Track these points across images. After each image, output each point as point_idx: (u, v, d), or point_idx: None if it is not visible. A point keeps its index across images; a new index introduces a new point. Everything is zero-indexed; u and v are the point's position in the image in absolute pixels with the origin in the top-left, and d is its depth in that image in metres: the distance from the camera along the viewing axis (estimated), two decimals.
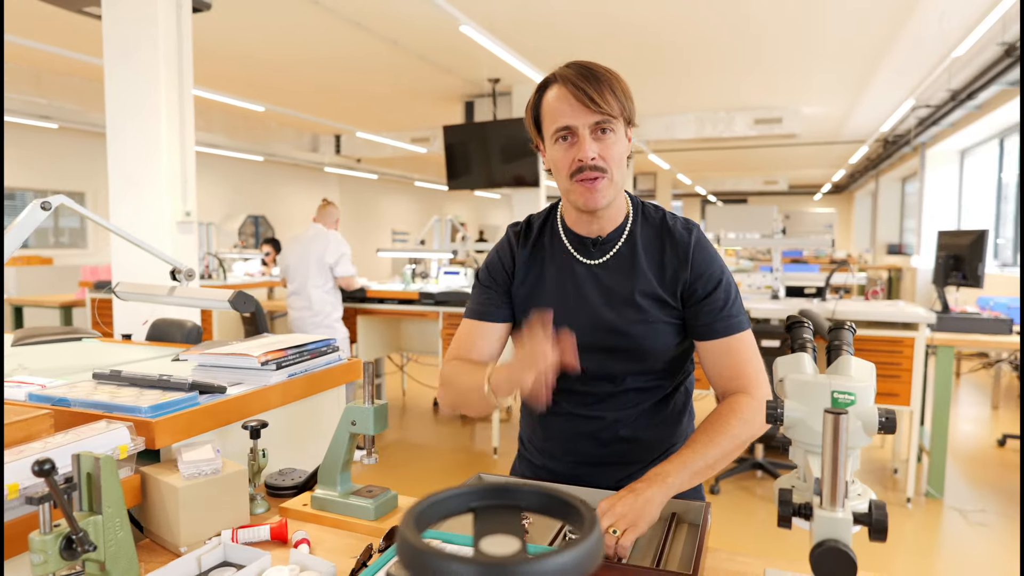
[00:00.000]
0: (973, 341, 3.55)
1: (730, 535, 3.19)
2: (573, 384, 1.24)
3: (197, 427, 1.23)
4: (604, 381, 1.24)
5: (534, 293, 1.27)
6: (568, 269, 1.25)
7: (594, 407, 1.26)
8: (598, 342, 1.21)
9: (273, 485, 1.32)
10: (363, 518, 1.17)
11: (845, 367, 0.91)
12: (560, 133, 1.14)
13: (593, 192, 1.15)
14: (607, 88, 1.12)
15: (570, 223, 1.27)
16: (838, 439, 0.73)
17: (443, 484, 2.22)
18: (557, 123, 1.14)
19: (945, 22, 5.51)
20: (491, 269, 1.32)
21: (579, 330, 1.18)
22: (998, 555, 3.03)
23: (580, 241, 1.26)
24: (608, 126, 1.13)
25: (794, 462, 0.90)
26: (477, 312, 1.31)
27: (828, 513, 0.74)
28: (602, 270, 1.24)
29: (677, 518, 1.17)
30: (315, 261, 4.32)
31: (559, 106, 1.14)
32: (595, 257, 1.24)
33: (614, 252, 1.24)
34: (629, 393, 1.25)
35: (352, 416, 1.18)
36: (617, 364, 1.23)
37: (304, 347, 1.54)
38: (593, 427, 1.27)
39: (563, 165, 1.16)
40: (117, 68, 3.40)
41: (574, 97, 1.11)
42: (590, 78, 1.11)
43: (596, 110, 1.10)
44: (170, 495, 1.07)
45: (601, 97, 1.10)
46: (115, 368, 1.35)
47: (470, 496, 0.55)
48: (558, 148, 1.16)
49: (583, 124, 1.12)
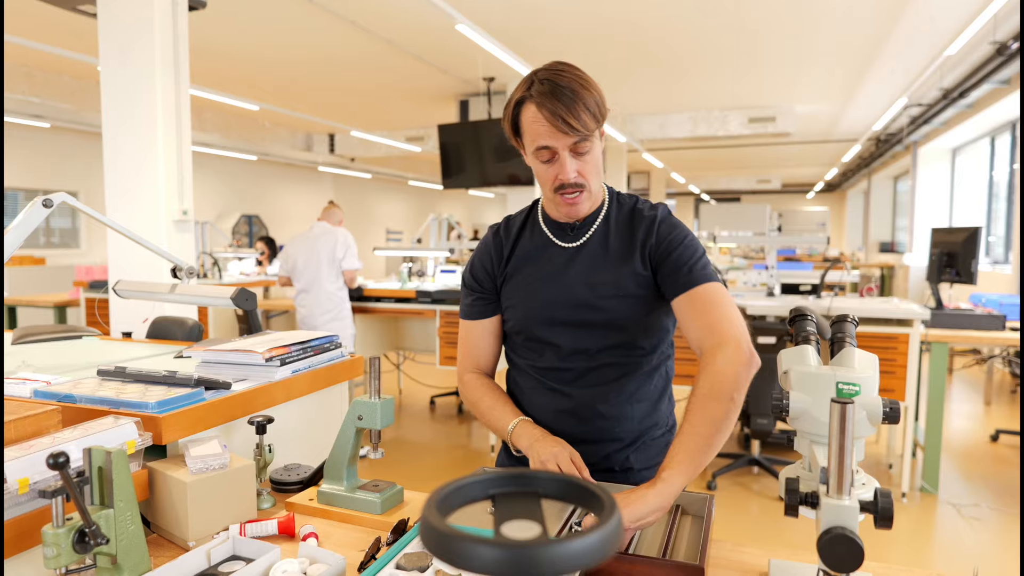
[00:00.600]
0: (967, 337, 3.58)
1: (727, 530, 3.20)
2: (552, 361, 1.32)
3: (203, 423, 1.24)
4: (581, 356, 1.30)
5: (517, 278, 1.35)
6: (547, 253, 1.34)
7: (573, 384, 1.31)
8: (575, 318, 1.28)
9: (279, 480, 1.32)
10: (370, 512, 1.17)
11: (849, 359, 0.92)
12: (542, 154, 1.20)
13: (575, 206, 1.25)
14: (580, 106, 1.14)
15: (551, 213, 1.35)
16: (845, 428, 0.75)
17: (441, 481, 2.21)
18: (536, 143, 1.19)
19: (937, 21, 5.55)
20: (474, 271, 1.41)
21: (558, 307, 1.29)
22: (992, 549, 3.06)
23: (559, 227, 1.34)
24: (584, 147, 1.19)
25: (799, 452, 0.92)
26: (469, 313, 1.41)
27: (835, 501, 0.76)
28: (579, 252, 1.31)
29: (681, 510, 1.18)
30: (326, 257, 4.39)
31: (537, 128, 1.18)
32: (573, 240, 1.32)
33: (590, 234, 1.31)
34: (605, 368, 1.30)
35: (359, 411, 1.18)
36: (594, 339, 1.29)
37: (308, 343, 1.55)
38: (571, 404, 1.31)
39: (546, 180, 1.24)
40: (113, 66, 3.39)
41: (549, 122, 1.15)
42: (562, 97, 1.14)
43: (572, 133, 1.15)
44: (178, 490, 1.08)
45: (576, 119, 1.14)
46: (120, 365, 1.36)
47: (490, 483, 0.56)
48: (539, 165, 1.23)
49: (562, 146, 1.18)
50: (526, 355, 1.36)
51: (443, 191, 12.91)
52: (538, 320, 1.31)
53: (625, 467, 1.34)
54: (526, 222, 1.40)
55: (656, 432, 1.36)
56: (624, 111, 9.48)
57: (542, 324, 1.31)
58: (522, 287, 1.34)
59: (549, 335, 1.31)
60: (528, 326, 1.33)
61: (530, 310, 1.32)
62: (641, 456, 1.34)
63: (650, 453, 1.35)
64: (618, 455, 1.33)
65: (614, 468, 1.33)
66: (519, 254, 1.36)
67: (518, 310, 1.34)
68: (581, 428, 1.31)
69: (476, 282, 1.39)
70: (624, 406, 1.31)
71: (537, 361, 1.34)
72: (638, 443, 1.34)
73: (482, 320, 1.39)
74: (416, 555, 0.96)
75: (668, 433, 1.39)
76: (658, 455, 1.35)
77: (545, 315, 1.30)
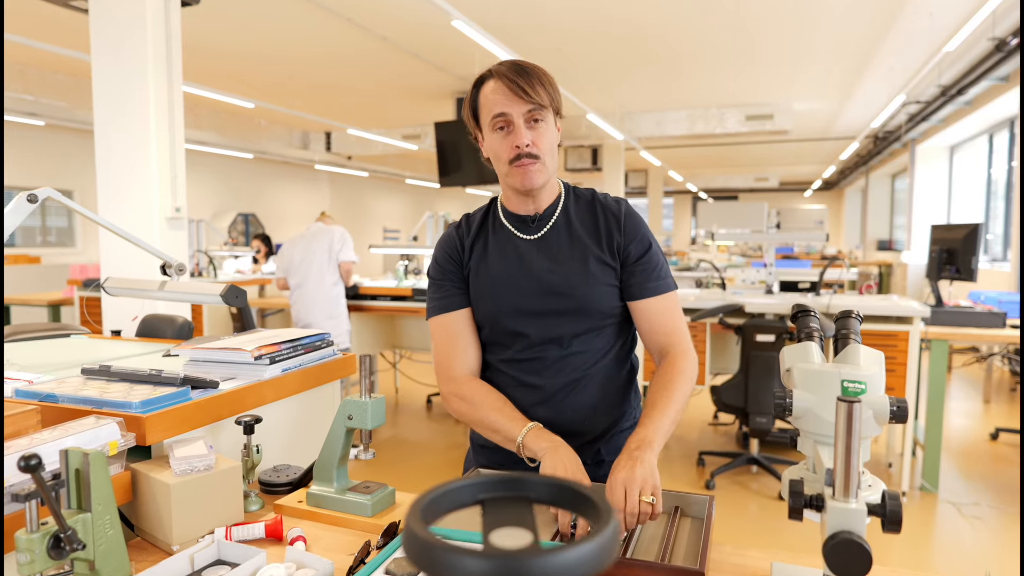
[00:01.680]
0: (967, 335, 3.56)
1: (726, 530, 3.18)
2: (522, 352, 1.32)
3: (189, 423, 1.20)
4: (552, 345, 1.31)
5: (481, 271, 1.35)
6: (511, 245, 1.35)
7: (543, 374, 1.32)
8: (545, 306, 1.30)
9: (267, 482, 1.29)
10: (360, 514, 1.14)
11: (854, 356, 0.89)
12: (497, 121, 1.25)
13: (529, 174, 1.26)
14: (537, 81, 1.23)
15: (510, 207, 1.37)
16: (851, 428, 0.71)
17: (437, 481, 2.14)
18: (494, 111, 1.24)
19: (936, 17, 5.52)
20: (440, 262, 1.39)
21: (526, 296, 1.30)
22: (993, 548, 3.03)
23: (520, 220, 1.35)
24: (539, 115, 1.24)
25: (803, 453, 0.88)
26: (439, 307, 1.37)
27: (841, 504, 0.73)
28: (543, 242, 1.34)
29: (680, 511, 1.15)
30: (323, 252, 4.38)
31: (495, 97, 1.24)
32: (534, 232, 1.34)
33: (551, 225, 1.34)
34: (576, 357, 1.31)
35: (349, 410, 1.15)
36: (563, 326, 1.30)
37: (298, 341, 1.51)
38: (542, 395, 1.32)
39: (502, 151, 1.26)
40: (105, 63, 3.35)
41: (508, 88, 1.22)
42: (521, 72, 1.23)
43: (528, 100, 1.21)
44: (162, 492, 1.04)
45: (532, 89, 1.22)
46: (104, 363, 1.32)
47: (479, 487, 0.53)
48: (496, 137, 1.26)
49: (517, 113, 1.23)
50: (495, 350, 1.36)
51: (440, 189, 12.85)
52: (506, 311, 1.31)
53: (597, 460, 1.36)
54: (486, 218, 1.40)
55: (624, 424, 1.39)
56: (622, 109, 9.45)
57: (510, 315, 1.31)
58: (487, 280, 1.34)
59: (518, 325, 1.31)
60: (496, 318, 1.33)
61: (497, 301, 1.32)
62: (612, 448, 1.36)
63: (619, 444, 1.33)
64: (589, 448, 1.35)
65: (587, 461, 1.32)
66: (480, 248, 1.36)
67: (484, 303, 1.34)
68: (554, 420, 1.30)
69: (445, 273, 1.38)
70: (596, 395, 1.33)
71: (506, 354, 1.34)
72: (608, 435, 1.37)
73: (454, 312, 1.36)
74: (406, 560, 0.93)
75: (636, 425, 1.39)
76: None
77: (513, 305, 1.31)
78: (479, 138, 1.34)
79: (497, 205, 1.41)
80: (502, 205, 1.40)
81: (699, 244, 12.20)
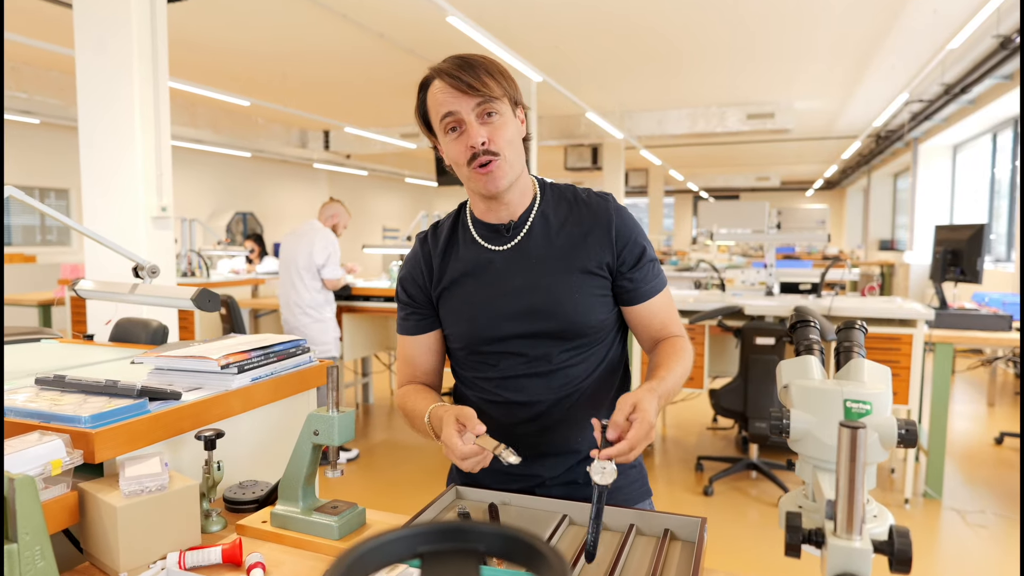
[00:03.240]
0: (972, 338, 3.47)
1: (724, 539, 3.10)
2: (507, 371, 1.21)
3: (146, 437, 1.12)
4: (539, 362, 1.20)
5: (454, 292, 1.24)
6: (482, 260, 1.22)
7: (529, 392, 1.21)
8: (528, 327, 1.19)
9: (232, 499, 1.21)
10: (327, 537, 1.06)
11: (857, 372, 0.81)
12: (447, 123, 1.14)
13: (490, 175, 1.13)
14: (483, 72, 1.12)
15: (479, 215, 1.25)
16: (855, 457, 0.63)
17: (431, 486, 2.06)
18: (440, 112, 1.14)
19: (940, 14, 5.43)
20: (405, 285, 1.30)
21: (506, 319, 1.19)
22: (998, 557, 2.95)
23: (492, 229, 1.23)
24: (491, 108, 1.12)
25: (801, 478, 0.81)
26: (404, 328, 1.31)
27: (844, 543, 0.65)
28: (518, 253, 1.21)
29: (671, 534, 1.07)
30: (304, 257, 4.16)
31: (441, 97, 1.13)
32: (508, 241, 1.22)
33: (526, 232, 1.21)
34: (566, 371, 1.21)
35: (314, 425, 1.07)
36: (550, 344, 1.19)
37: (270, 348, 1.43)
38: (529, 413, 1.21)
39: (458, 154, 1.15)
40: (89, 58, 3.27)
41: (452, 87, 1.12)
42: (464, 67, 1.12)
43: (475, 93, 1.10)
44: (108, 515, 0.96)
45: (479, 81, 1.11)
46: (59, 373, 1.24)
47: (418, 539, 0.45)
48: (450, 140, 1.15)
49: (466, 109, 1.12)
50: (476, 368, 1.26)
51: (439, 188, 12.77)
52: (484, 335, 1.21)
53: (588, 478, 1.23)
54: (455, 228, 1.28)
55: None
56: (622, 107, 9.37)
57: (489, 339, 1.21)
58: (461, 303, 1.23)
59: (499, 347, 1.21)
60: (474, 341, 1.23)
61: (474, 327, 1.21)
62: None
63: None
64: (580, 467, 1.23)
65: (577, 481, 1.23)
66: (452, 266, 1.24)
67: (460, 327, 1.24)
68: (543, 441, 1.21)
69: (409, 297, 1.29)
70: (588, 410, 1.22)
71: (487, 372, 1.24)
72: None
73: (419, 336, 1.29)
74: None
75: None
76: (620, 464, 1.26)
77: (492, 328, 1.20)
78: (438, 146, 1.22)
79: (466, 213, 1.28)
80: (471, 212, 1.27)
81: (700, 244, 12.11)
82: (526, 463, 1.22)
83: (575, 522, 1.11)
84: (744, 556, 2.97)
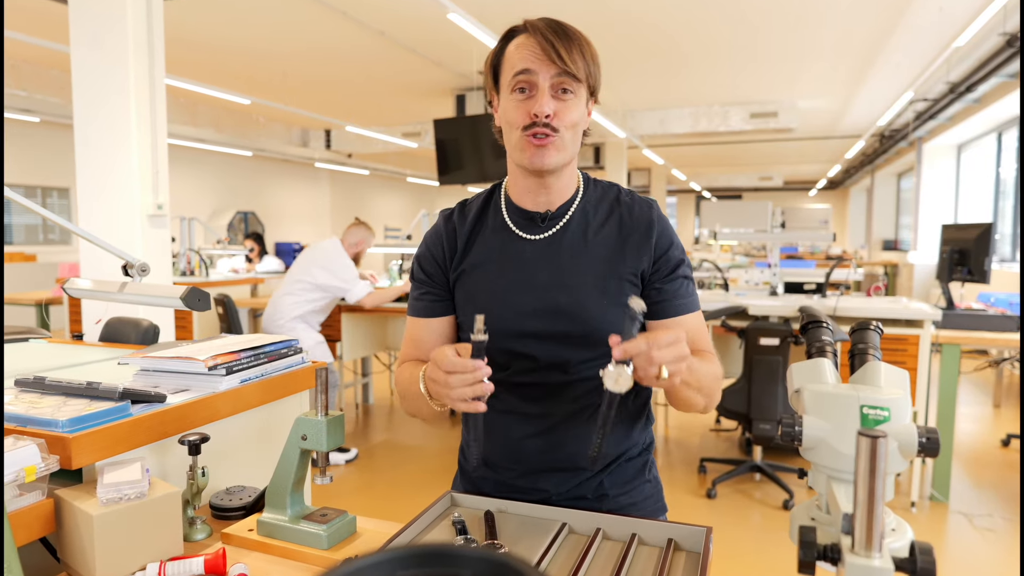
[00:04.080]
0: (980, 339, 3.42)
1: (728, 542, 3.05)
2: (518, 375, 1.13)
3: (127, 442, 1.08)
4: (555, 371, 1.11)
5: (474, 278, 1.15)
6: (511, 248, 1.13)
7: (541, 402, 1.13)
8: (549, 327, 1.10)
9: (218, 506, 1.17)
10: (315, 546, 1.02)
11: (874, 376, 0.77)
12: (519, 80, 1.04)
13: (542, 150, 1.04)
14: (576, 48, 1.03)
15: (515, 197, 1.16)
16: (875, 468, 0.59)
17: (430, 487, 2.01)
18: (516, 68, 1.04)
19: (946, 11, 5.38)
20: (422, 263, 1.21)
21: (527, 315, 1.10)
22: (1005, 561, 2.90)
23: (527, 216, 1.14)
24: (568, 85, 1.03)
25: (815, 489, 0.76)
26: (415, 309, 1.21)
27: (863, 560, 0.60)
28: (550, 247, 1.12)
29: (675, 544, 1.02)
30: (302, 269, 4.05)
31: (522, 52, 1.04)
32: (542, 231, 1.13)
33: (563, 225, 1.12)
34: (582, 383, 1.12)
35: (303, 430, 1.03)
36: (569, 351, 1.11)
37: (261, 349, 1.39)
38: (540, 426, 1.14)
39: (516, 117, 1.05)
40: (84, 54, 3.24)
41: (540, 48, 1.03)
42: (560, 33, 1.03)
43: (561, 65, 1.01)
44: (85, 523, 0.92)
45: (569, 55, 1.02)
46: (39, 374, 1.20)
47: (399, 562, 0.41)
48: (513, 99, 1.05)
49: (544, 76, 1.02)
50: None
51: (440, 187, 12.75)
52: (504, 331, 1.10)
53: (599, 493, 1.16)
54: (485, 208, 1.18)
55: (633, 452, 1.20)
56: (624, 106, 9.32)
57: (508, 336, 1.11)
58: (481, 291, 1.13)
59: (514, 346, 1.11)
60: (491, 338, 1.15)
61: (493, 320, 1.09)
62: (616, 480, 1.17)
63: (626, 476, 1.18)
64: (590, 482, 1.15)
65: (587, 496, 1.16)
66: (476, 248, 1.15)
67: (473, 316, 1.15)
68: (552, 455, 1.14)
69: (426, 276, 1.19)
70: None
71: (498, 375, 1.12)
72: (612, 467, 1.17)
73: (431, 319, 1.19)
74: None
75: (645, 452, 1.22)
76: (635, 477, 1.19)
77: (510, 324, 1.10)
78: (494, 101, 1.12)
79: (500, 194, 1.19)
80: (506, 194, 1.18)
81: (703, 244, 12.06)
82: (532, 477, 1.17)
83: (575, 531, 1.06)
84: (747, 560, 2.92)
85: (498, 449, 1.18)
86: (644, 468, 1.22)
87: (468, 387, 0.92)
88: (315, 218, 15.17)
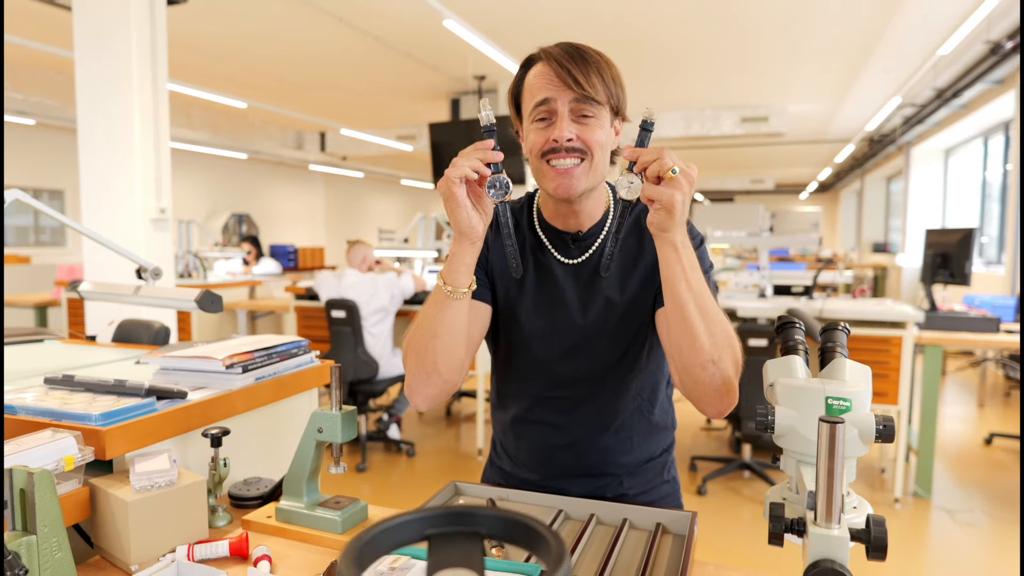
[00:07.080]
0: (961, 340, 3.53)
1: (717, 537, 3.14)
2: (543, 388, 1.18)
3: (154, 435, 1.16)
4: (583, 384, 1.16)
5: (510, 289, 1.17)
6: (547, 268, 1.15)
7: (567, 414, 1.18)
8: (578, 346, 1.14)
9: (237, 496, 1.25)
10: (330, 531, 1.10)
11: (839, 371, 0.85)
12: (539, 111, 1.04)
13: (567, 177, 1.04)
14: (594, 71, 1.02)
15: (548, 216, 1.17)
16: (834, 450, 0.67)
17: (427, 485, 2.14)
18: (536, 97, 1.04)
19: (931, 19, 5.50)
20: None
21: (556, 335, 1.14)
22: (986, 555, 3.00)
23: (559, 236, 1.15)
24: (589, 111, 1.03)
25: (786, 472, 0.85)
26: None
27: (823, 531, 0.69)
28: (581, 271, 1.14)
29: (662, 528, 1.11)
30: (372, 308, 4.12)
31: (539, 82, 1.04)
32: (574, 256, 1.14)
33: (594, 250, 1.14)
34: (606, 395, 1.16)
35: (318, 423, 1.11)
36: (597, 368, 1.15)
37: (273, 349, 1.47)
38: (566, 437, 1.18)
39: (536, 143, 1.05)
40: (88, 61, 3.30)
41: (556, 75, 1.02)
42: (576, 58, 1.02)
43: (578, 91, 1.01)
44: (120, 509, 1.00)
45: (586, 79, 1.01)
46: (68, 372, 1.28)
47: (425, 522, 0.49)
48: (535, 129, 1.06)
49: (562, 102, 1.02)
50: (511, 378, 1.22)
51: (435, 190, 12.80)
52: (529, 346, 1.15)
53: (619, 493, 1.23)
54: (521, 219, 1.19)
55: (656, 452, 1.25)
56: None
57: (534, 351, 1.15)
58: (514, 304, 1.16)
59: (547, 363, 1.15)
60: (516, 349, 1.17)
61: (521, 332, 1.15)
62: (637, 481, 1.23)
63: (647, 476, 1.24)
64: (612, 484, 1.22)
65: (607, 496, 1.22)
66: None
67: (505, 329, 1.18)
68: (577, 463, 1.20)
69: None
70: (628, 436, 1.19)
71: (530, 388, 1.18)
72: (635, 469, 1.23)
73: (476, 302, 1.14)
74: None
75: (666, 453, 1.27)
76: (654, 478, 1.26)
77: (538, 343, 1.14)
78: (520, 133, 1.11)
79: (535, 208, 1.19)
80: (539, 211, 1.18)
81: None
82: (556, 479, 1.22)
83: (571, 516, 1.15)
84: (734, 552, 3.01)
85: (531, 456, 1.23)
86: (663, 469, 1.27)
87: (478, 152, 0.97)
88: (309, 220, 15.22)
